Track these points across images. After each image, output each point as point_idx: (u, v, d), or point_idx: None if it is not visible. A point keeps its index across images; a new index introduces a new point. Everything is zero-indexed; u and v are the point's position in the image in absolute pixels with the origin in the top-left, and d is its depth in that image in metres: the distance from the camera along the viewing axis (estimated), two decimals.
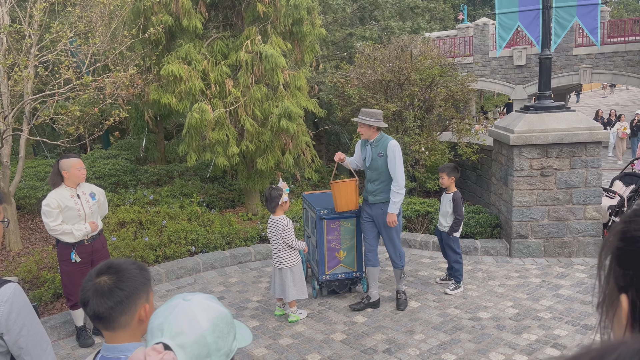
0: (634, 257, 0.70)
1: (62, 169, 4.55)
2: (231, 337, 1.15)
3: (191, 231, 6.93)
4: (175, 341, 1.07)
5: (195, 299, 1.15)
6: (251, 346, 4.60)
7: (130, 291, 1.66)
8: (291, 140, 7.32)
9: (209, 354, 1.09)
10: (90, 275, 1.71)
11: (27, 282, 5.79)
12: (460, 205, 5.47)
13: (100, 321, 1.65)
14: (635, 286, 0.70)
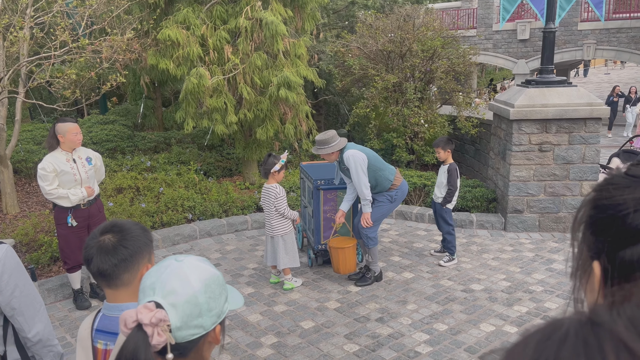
0: (605, 224, 0.71)
1: (58, 132, 4.52)
2: (223, 298, 1.16)
3: (188, 198, 6.94)
4: (167, 300, 1.07)
5: (188, 260, 1.15)
6: (246, 312, 4.67)
7: (133, 250, 1.68)
8: (290, 110, 7.26)
9: (201, 314, 1.09)
10: (94, 234, 1.73)
11: (24, 245, 5.82)
12: (454, 176, 5.51)
13: (104, 278, 1.67)
14: (607, 253, 0.70)
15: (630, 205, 0.68)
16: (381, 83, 8.27)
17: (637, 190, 0.69)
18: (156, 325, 1.03)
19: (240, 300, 1.27)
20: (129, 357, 0.99)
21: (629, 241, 0.68)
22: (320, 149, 4.83)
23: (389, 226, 6.91)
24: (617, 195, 0.71)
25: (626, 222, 0.68)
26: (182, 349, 1.09)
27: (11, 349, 2.11)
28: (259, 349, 4.09)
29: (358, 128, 10.07)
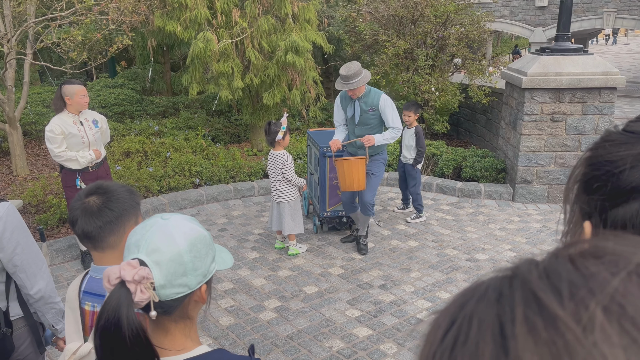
0: (600, 181, 0.68)
1: (65, 94, 4.50)
2: (209, 258, 1.15)
3: (195, 164, 6.95)
4: (150, 258, 1.06)
5: (174, 218, 1.13)
6: (250, 276, 4.72)
7: (119, 212, 1.66)
8: (298, 76, 7.16)
9: (185, 273, 1.08)
10: (80, 196, 1.71)
11: (34, 206, 5.89)
12: (422, 138, 5.84)
13: (89, 240, 1.66)
14: (599, 212, 0.68)
15: (627, 161, 0.65)
16: (392, 49, 8.10)
17: (635, 146, 0.66)
18: (139, 283, 1.02)
19: (229, 261, 1.26)
20: (111, 313, 0.98)
21: (622, 199, 0.65)
22: (350, 83, 4.38)
23: (395, 195, 6.88)
24: (614, 151, 0.67)
25: (621, 178, 0.65)
26: (166, 307, 1.09)
27: (13, 305, 2.14)
28: (262, 313, 4.14)
29: None
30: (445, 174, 7.24)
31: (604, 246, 0.35)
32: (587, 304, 0.30)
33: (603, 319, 0.29)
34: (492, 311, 0.32)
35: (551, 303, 0.30)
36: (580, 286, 0.31)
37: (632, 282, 0.31)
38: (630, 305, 0.30)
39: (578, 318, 0.29)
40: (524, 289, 0.32)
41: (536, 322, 0.30)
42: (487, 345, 0.30)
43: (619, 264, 0.32)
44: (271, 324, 3.99)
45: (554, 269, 0.33)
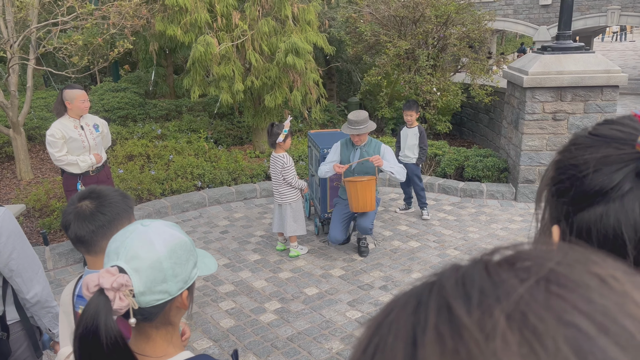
0: (564, 186, 0.67)
1: (66, 99, 4.53)
2: (190, 264, 1.15)
3: (198, 166, 6.97)
4: (130, 265, 1.07)
5: (154, 225, 1.14)
6: (251, 278, 4.73)
7: (111, 216, 1.68)
8: (299, 77, 7.17)
9: (165, 279, 1.09)
10: (73, 200, 1.72)
11: (37, 210, 5.94)
12: (425, 136, 5.97)
13: (82, 244, 1.67)
14: (565, 216, 0.67)
15: (590, 165, 0.65)
16: (393, 50, 8.10)
17: (599, 149, 0.65)
18: (118, 290, 1.03)
19: (212, 266, 1.26)
20: (89, 320, 0.99)
21: (586, 203, 0.65)
22: (359, 128, 4.61)
23: (397, 195, 6.88)
24: (579, 155, 0.67)
25: (585, 182, 0.65)
26: (147, 314, 1.10)
27: (10, 309, 2.16)
28: (262, 314, 4.15)
29: (370, 96, 9.93)
30: (448, 174, 7.22)
31: (523, 252, 0.34)
32: (492, 311, 0.30)
33: (505, 327, 0.29)
34: (409, 319, 0.32)
35: (460, 311, 0.30)
36: (489, 293, 0.31)
37: (539, 290, 0.30)
38: (533, 314, 0.29)
39: (482, 326, 0.29)
40: (439, 295, 0.32)
41: (444, 330, 0.30)
42: (399, 353, 0.30)
43: (530, 271, 0.32)
44: (271, 325, 3.99)
45: (469, 276, 0.33)
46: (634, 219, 0.61)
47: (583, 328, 0.29)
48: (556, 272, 0.32)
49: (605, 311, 0.30)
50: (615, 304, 0.30)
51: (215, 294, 4.47)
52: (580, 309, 0.29)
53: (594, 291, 0.31)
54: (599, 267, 0.33)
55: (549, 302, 0.30)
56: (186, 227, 5.91)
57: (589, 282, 0.31)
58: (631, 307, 0.31)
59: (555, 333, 0.28)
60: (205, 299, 4.40)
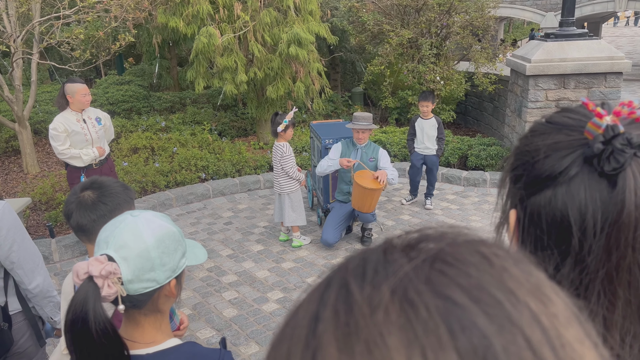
0: (521, 171, 0.69)
1: (67, 93, 4.56)
2: (178, 254, 1.18)
3: (202, 158, 7.01)
4: (118, 253, 1.10)
5: (143, 215, 1.16)
6: (254, 269, 4.77)
7: (113, 206, 1.72)
8: (302, 68, 7.16)
9: (153, 268, 1.12)
10: (75, 190, 1.77)
11: (43, 203, 6.01)
12: (442, 127, 5.90)
13: (84, 233, 1.72)
14: (519, 201, 0.70)
15: (541, 151, 0.67)
16: (396, 39, 8.06)
17: (551, 136, 0.68)
18: (106, 278, 1.06)
19: (202, 256, 1.29)
20: (79, 307, 1.02)
21: (537, 188, 0.67)
22: (362, 124, 4.79)
23: (401, 185, 6.88)
24: (533, 142, 0.69)
25: (536, 168, 0.67)
26: (135, 301, 1.13)
27: (12, 300, 2.20)
28: (264, 304, 4.19)
29: (373, 86, 9.90)
30: (451, 163, 7.21)
31: (424, 235, 0.37)
32: (380, 287, 0.32)
33: (388, 301, 0.31)
34: (317, 297, 0.35)
35: (354, 287, 0.33)
36: (380, 271, 0.34)
37: (423, 267, 0.33)
38: (413, 288, 0.32)
39: (370, 300, 0.32)
40: (342, 275, 0.35)
41: (339, 306, 0.32)
42: (303, 329, 0.33)
43: (422, 251, 0.35)
44: (274, 315, 4.04)
45: (368, 257, 0.36)
46: (579, 202, 0.64)
47: (456, 299, 0.31)
48: (444, 251, 0.35)
49: (480, 284, 0.32)
50: (491, 277, 0.33)
51: (218, 284, 4.52)
52: (457, 282, 0.32)
53: (473, 266, 0.33)
54: (485, 246, 0.35)
55: (430, 277, 0.32)
56: (190, 219, 5.96)
57: (472, 259, 0.34)
58: (507, 280, 0.33)
59: (429, 304, 0.31)
60: (209, 289, 4.45)
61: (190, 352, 1.14)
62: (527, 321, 0.31)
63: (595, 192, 0.63)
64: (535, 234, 0.69)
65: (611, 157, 0.61)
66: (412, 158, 5.98)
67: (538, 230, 0.68)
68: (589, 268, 0.64)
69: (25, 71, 8.63)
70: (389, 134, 7.87)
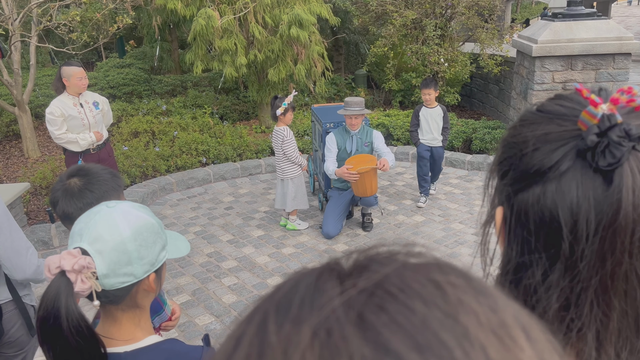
0: (508, 165, 0.63)
1: (63, 76, 4.50)
2: (158, 247, 1.12)
3: (202, 142, 6.95)
4: (93, 247, 1.04)
5: (120, 206, 1.10)
6: (255, 254, 4.73)
7: (100, 194, 1.67)
8: (303, 50, 7.04)
9: (130, 262, 1.06)
10: (61, 178, 1.72)
11: (44, 188, 5.98)
12: (448, 116, 5.58)
13: (70, 222, 1.67)
14: (506, 197, 0.63)
15: (529, 143, 0.60)
16: (400, 20, 7.90)
17: (542, 126, 0.61)
18: (79, 272, 1.00)
19: (184, 249, 1.23)
20: (50, 303, 0.96)
21: (524, 184, 0.60)
22: (353, 109, 4.64)
23: (404, 169, 6.80)
24: (522, 133, 0.63)
25: (524, 161, 0.60)
26: (112, 297, 1.07)
27: (2, 289, 2.16)
28: (264, 290, 4.16)
29: (377, 68, 9.75)
30: (455, 147, 7.11)
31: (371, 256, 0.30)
32: (302, 326, 0.26)
33: (307, 346, 0.25)
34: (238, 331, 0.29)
35: (272, 325, 0.27)
36: (306, 304, 0.27)
37: (356, 303, 0.27)
38: (338, 330, 0.26)
39: (287, 344, 0.26)
40: (265, 307, 0.29)
41: (252, 349, 0.27)
42: None
43: (361, 277, 0.28)
44: None
45: (300, 282, 0.29)
46: (571, 201, 0.57)
47: (392, 346, 0.25)
48: (389, 278, 0.28)
49: (426, 323, 0.26)
50: (442, 313, 0.26)
51: (218, 270, 4.49)
52: (397, 322, 0.26)
53: (420, 300, 0.27)
54: (441, 272, 0.29)
55: (363, 316, 0.26)
56: (191, 204, 5.92)
57: (421, 289, 0.27)
58: (461, 317, 0.26)
59: (354, 353, 0.25)
60: (208, 274, 4.42)
61: (171, 350, 1.09)
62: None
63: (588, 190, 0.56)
64: (522, 235, 0.62)
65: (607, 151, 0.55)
66: (419, 150, 5.51)
67: (525, 232, 0.61)
68: (581, 275, 0.57)
69: (24, 55, 8.54)
70: (392, 117, 7.76)
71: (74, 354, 0.97)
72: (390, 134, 7.36)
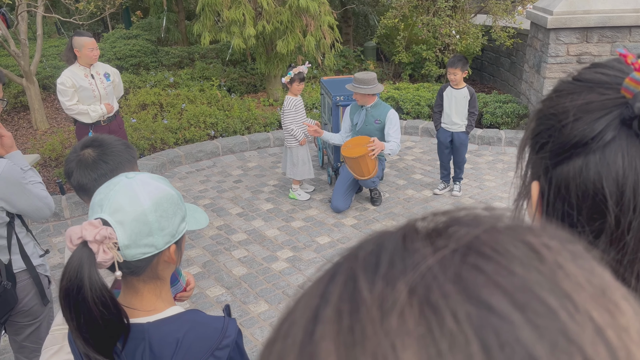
0: (546, 137, 0.61)
1: (75, 46, 4.46)
2: (178, 218, 1.11)
3: (211, 115, 6.91)
4: (114, 217, 1.03)
5: (139, 177, 1.09)
6: (264, 227, 4.75)
7: (114, 165, 1.66)
8: (313, 21, 6.92)
9: (151, 233, 1.05)
10: (75, 148, 1.72)
11: (53, 160, 5.99)
12: (476, 99, 4.93)
13: (85, 193, 1.67)
14: (544, 171, 0.61)
15: (570, 113, 0.58)
16: None
17: (582, 95, 0.58)
18: (101, 243, 1.00)
19: (203, 221, 1.22)
20: (73, 273, 0.96)
21: (565, 156, 0.58)
22: (359, 87, 4.53)
23: (413, 144, 6.76)
24: (559, 103, 0.60)
25: (564, 133, 0.58)
26: (133, 268, 1.07)
27: (16, 258, 2.18)
28: (274, 263, 4.19)
29: (387, 40, 9.60)
30: None
31: (454, 218, 0.30)
32: (395, 284, 0.26)
33: (405, 303, 0.25)
34: (319, 292, 0.28)
35: (362, 283, 0.27)
36: (397, 264, 0.27)
37: (452, 262, 0.26)
38: (437, 289, 0.25)
39: (382, 301, 0.25)
40: (350, 266, 0.28)
41: (343, 306, 0.26)
42: (300, 330, 0.27)
43: (450, 239, 0.27)
44: (283, 273, 4.04)
45: (384, 244, 0.29)
46: (616, 172, 0.55)
47: (495, 305, 0.24)
48: (480, 239, 0.27)
49: (526, 284, 0.25)
50: (541, 276, 0.25)
51: (228, 242, 4.52)
52: (496, 282, 0.25)
53: (518, 261, 0.26)
54: (533, 234, 0.28)
55: (460, 275, 0.25)
56: (200, 177, 5.93)
57: (516, 251, 0.26)
58: (562, 281, 0.25)
59: (458, 309, 0.24)
60: (219, 247, 4.45)
61: (193, 320, 1.09)
62: (589, 337, 0.24)
63: (635, 160, 0.55)
64: (562, 209, 0.60)
65: None
66: (439, 135, 5.12)
67: (566, 205, 0.60)
68: (627, 248, 0.56)
69: (32, 25, 8.46)
70: (402, 91, 7.67)
71: (98, 324, 0.98)
72: (399, 108, 7.28)
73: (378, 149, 4.46)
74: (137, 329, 1.06)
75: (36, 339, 2.29)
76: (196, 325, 1.08)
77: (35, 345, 2.29)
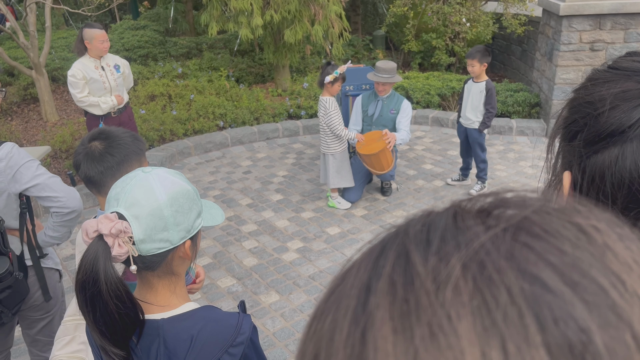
0: (579, 126, 0.59)
1: (85, 38, 4.47)
2: (193, 214, 1.10)
3: (219, 106, 6.90)
4: (129, 211, 1.02)
5: (155, 171, 1.08)
6: (274, 218, 4.75)
7: (120, 158, 1.66)
8: (321, 10, 6.86)
9: (166, 227, 1.04)
10: (83, 141, 1.71)
11: (63, 152, 6.02)
12: (494, 95, 4.67)
13: (93, 185, 1.67)
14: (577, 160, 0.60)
15: (606, 102, 0.57)
16: None
17: (618, 84, 0.57)
18: (117, 237, 0.99)
19: (219, 218, 1.21)
20: (89, 266, 0.96)
21: (600, 145, 0.57)
22: (383, 76, 4.49)
23: (423, 133, 6.71)
24: (595, 92, 0.59)
25: (600, 121, 0.57)
26: (148, 262, 1.06)
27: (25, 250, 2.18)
28: (284, 253, 4.19)
29: (396, 29, 9.51)
30: None
31: (502, 199, 0.30)
32: (449, 259, 0.27)
33: (459, 277, 0.26)
34: (370, 265, 0.29)
35: (415, 257, 0.28)
36: (449, 240, 0.28)
37: (504, 240, 0.27)
38: (492, 263, 0.26)
39: (436, 275, 0.26)
40: (401, 242, 0.29)
41: (397, 278, 0.27)
42: (352, 300, 0.28)
43: (501, 218, 0.28)
44: (293, 264, 4.04)
45: (435, 222, 0.30)
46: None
47: (547, 281, 0.25)
48: (530, 220, 0.28)
49: (577, 263, 0.26)
50: (591, 256, 0.26)
51: (238, 233, 4.53)
52: (548, 260, 0.26)
53: (568, 241, 0.27)
54: (581, 216, 0.29)
55: (513, 252, 0.26)
56: (209, 168, 5.93)
57: (565, 232, 0.27)
58: (611, 262, 0.26)
59: (512, 284, 0.25)
60: (229, 238, 4.46)
61: (207, 317, 1.08)
62: (637, 315, 0.25)
63: None
64: (596, 198, 0.59)
65: None
66: (457, 130, 5.07)
67: (600, 195, 0.59)
68: None
69: (40, 17, 8.46)
70: (411, 80, 7.61)
71: (113, 317, 0.97)
72: (409, 97, 7.23)
73: (393, 139, 4.45)
74: (151, 325, 1.06)
75: (49, 333, 2.29)
76: (210, 322, 1.08)
77: (48, 339, 2.30)
